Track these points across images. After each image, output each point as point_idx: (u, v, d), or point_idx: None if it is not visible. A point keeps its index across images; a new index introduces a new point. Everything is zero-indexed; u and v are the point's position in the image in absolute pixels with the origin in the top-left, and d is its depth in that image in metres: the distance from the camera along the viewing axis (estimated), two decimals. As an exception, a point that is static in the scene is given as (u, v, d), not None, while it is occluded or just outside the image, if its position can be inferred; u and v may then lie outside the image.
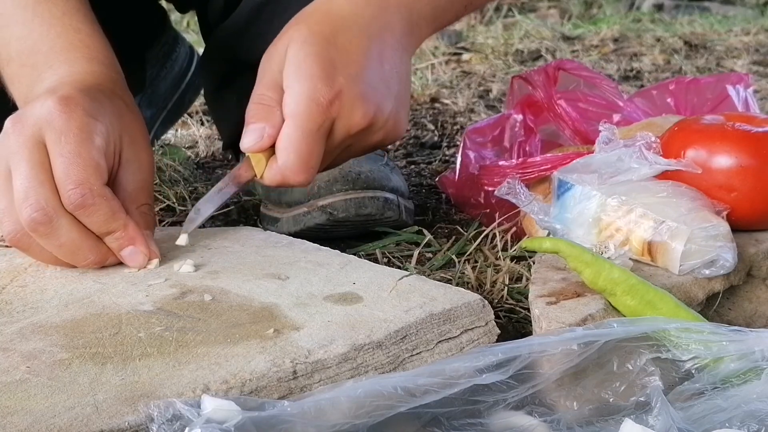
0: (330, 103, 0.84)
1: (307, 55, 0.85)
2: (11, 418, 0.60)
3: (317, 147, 0.85)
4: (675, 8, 3.80)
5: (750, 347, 0.66)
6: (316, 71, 0.84)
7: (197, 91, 1.54)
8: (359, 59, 0.86)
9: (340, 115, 0.85)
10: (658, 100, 1.20)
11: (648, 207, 0.84)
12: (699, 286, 0.81)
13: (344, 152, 0.91)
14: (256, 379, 0.65)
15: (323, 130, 0.85)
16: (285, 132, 0.84)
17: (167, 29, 1.47)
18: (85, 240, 0.81)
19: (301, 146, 0.84)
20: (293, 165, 0.84)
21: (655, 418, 0.61)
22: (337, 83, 0.84)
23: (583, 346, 0.65)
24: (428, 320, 0.75)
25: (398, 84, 0.90)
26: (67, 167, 0.79)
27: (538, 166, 1.01)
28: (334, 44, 0.86)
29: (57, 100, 0.81)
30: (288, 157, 0.84)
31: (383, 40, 0.89)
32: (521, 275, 0.96)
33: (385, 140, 0.92)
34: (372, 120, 0.87)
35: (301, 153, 0.84)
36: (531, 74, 1.18)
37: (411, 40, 0.94)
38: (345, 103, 0.85)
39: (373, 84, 0.87)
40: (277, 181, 0.86)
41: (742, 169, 0.87)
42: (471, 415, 0.62)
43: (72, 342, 0.70)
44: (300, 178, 0.85)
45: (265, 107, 0.86)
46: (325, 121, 0.84)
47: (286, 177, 0.85)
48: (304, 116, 0.84)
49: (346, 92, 0.85)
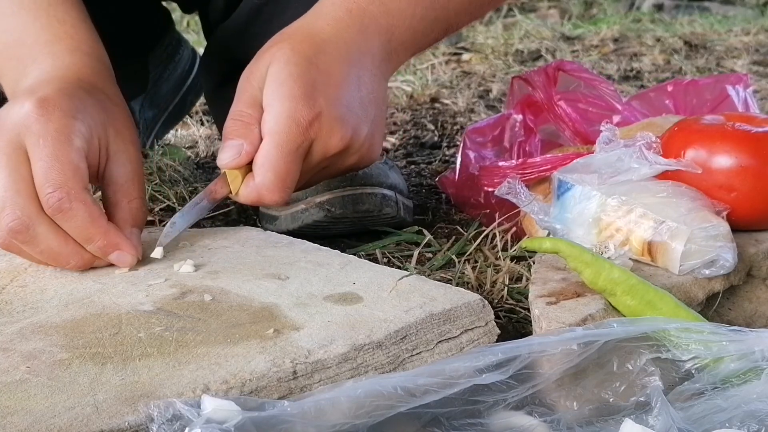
0: (309, 124, 0.84)
1: (289, 75, 0.85)
2: (11, 418, 0.60)
3: (294, 167, 0.85)
4: (675, 8, 3.80)
5: (750, 347, 0.66)
6: (297, 92, 0.84)
7: (199, 93, 1.54)
8: (339, 82, 0.87)
9: (318, 137, 0.85)
10: (656, 102, 1.20)
11: (648, 207, 0.84)
12: (699, 286, 0.81)
13: (319, 174, 0.92)
14: (256, 379, 0.65)
15: (301, 150, 0.85)
16: (263, 150, 0.85)
17: (170, 31, 1.47)
18: (65, 246, 0.81)
19: (279, 165, 0.84)
20: (270, 183, 0.85)
21: (655, 418, 0.61)
22: (318, 105, 0.85)
23: (583, 346, 0.65)
24: (428, 320, 0.75)
25: (375, 109, 0.91)
26: (45, 171, 0.78)
27: (538, 167, 1.02)
28: (316, 66, 0.86)
29: (34, 103, 0.80)
30: (265, 175, 0.85)
31: (362, 64, 0.90)
32: (521, 275, 0.96)
33: (359, 163, 0.92)
34: (349, 143, 0.88)
35: (278, 172, 0.84)
36: (531, 75, 1.18)
37: (389, 66, 0.95)
38: (324, 125, 0.85)
39: (351, 107, 0.88)
40: (252, 199, 0.87)
41: (742, 169, 0.87)
42: (471, 415, 0.62)
43: (72, 342, 0.70)
44: (275, 197, 0.85)
45: (243, 124, 0.86)
46: (303, 142, 0.85)
47: (262, 195, 0.85)
48: (284, 135, 0.84)
49: (325, 114, 0.85)
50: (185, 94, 1.51)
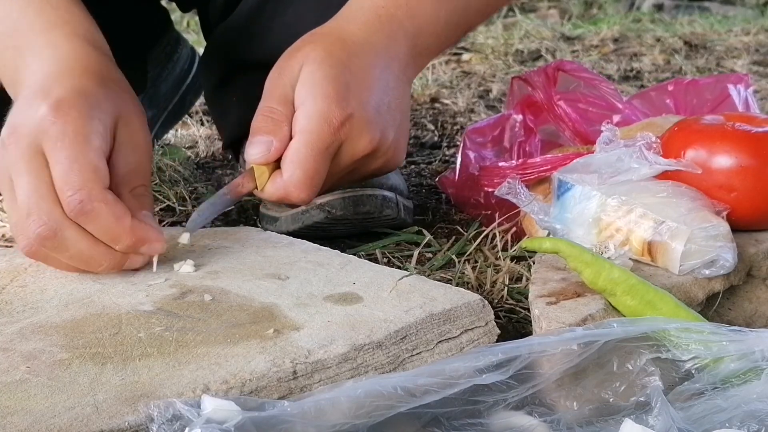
0: (341, 125, 0.85)
1: (324, 77, 0.86)
2: (11, 418, 0.60)
3: (323, 166, 0.86)
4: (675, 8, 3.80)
5: (750, 347, 0.66)
6: (331, 92, 0.85)
7: (198, 92, 1.54)
8: (370, 86, 0.88)
9: (348, 139, 0.86)
10: (657, 101, 1.20)
11: (648, 207, 0.84)
12: (699, 286, 0.81)
13: (345, 177, 0.92)
14: (256, 379, 0.65)
15: (331, 150, 0.86)
16: (294, 147, 0.85)
17: (169, 30, 1.47)
18: (95, 247, 0.80)
19: (308, 163, 0.85)
20: (298, 181, 0.85)
21: (655, 418, 0.61)
22: (350, 107, 0.85)
23: (583, 346, 0.65)
24: (428, 320, 0.75)
25: (400, 114, 0.92)
26: (65, 174, 0.78)
27: (538, 167, 1.02)
28: (349, 69, 0.87)
29: (50, 106, 0.79)
30: (294, 172, 0.85)
31: (390, 69, 0.91)
32: (521, 275, 0.96)
33: (384, 168, 0.93)
34: (377, 146, 0.89)
35: (307, 170, 0.85)
36: (531, 75, 1.18)
37: (413, 70, 0.96)
38: (354, 127, 0.86)
39: (380, 111, 0.89)
40: (278, 196, 0.87)
41: (742, 169, 0.87)
42: (471, 415, 0.62)
43: (72, 342, 0.70)
44: (302, 195, 0.86)
45: (274, 121, 0.86)
46: (333, 142, 0.86)
47: (289, 192, 0.86)
48: (315, 134, 0.84)
49: (356, 117, 0.86)
50: (184, 94, 1.51)
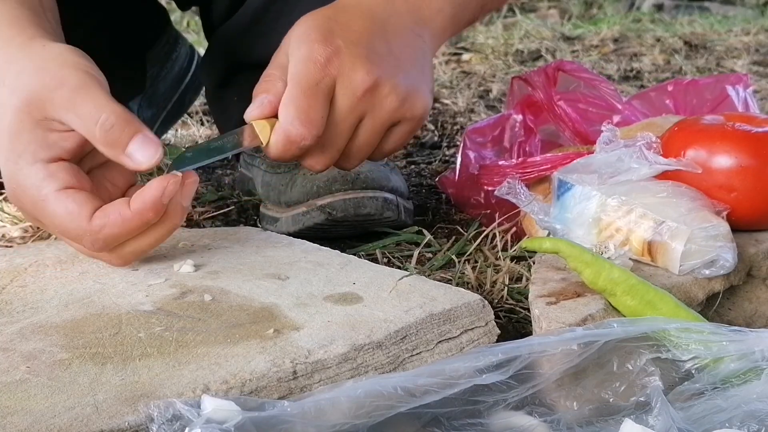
0: (327, 60, 0.86)
1: (309, 28, 0.88)
2: (11, 418, 0.60)
3: (316, 102, 0.86)
4: (675, 8, 3.80)
5: (750, 347, 0.66)
6: (313, 36, 0.87)
7: (197, 91, 1.54)
8: (359, 31, 0.89)
9: (340, 74, 0.86)
10: (657, 101, 1.20)
11: (648, 207, 0.84)
12: (699, 286, 0.81)
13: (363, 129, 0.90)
14: (256, 379, 0.65)
15: (323, 86, 0.86)
16: (286, 93, 0.86)
17: (168, 29, 1.47)
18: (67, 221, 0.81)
19: (300, 99, 0.85)
20: (293, 117, 0.85)
21: (655, 418, 0.61)
22: (335, 44, 0.86)
23: (583, 346, 0.65)
24: (428, 320, 0.75)
25: (410, 63, 0.91)
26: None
27: (538, 166, 1.02)
28: (335, 20, 0.89)
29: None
30: (287, 111, 0.85)
31: (387, 21, 0.92)
32: (521, 275, 0.96)
33: (402, 109, 0.90)
34: (376, 80, 0.87)
35: (299, 105, 0.85)
36: (531, 75, 1.18)
37: (424, 30, 0.95)
38: (344, 61, 0.86)
39: (375, 50, 0.88)
40: (281, 141, 0.86)
41: (742, 169, 0.87)
42: (471, 415, 0.62)
43: (72, 342, 0.70)
44: (301, 131, 0.85)
45: (268, 81, 0.88)
46: (323, 78, 0.86)
47: (288, 132, 0.85)
48: (302, 74, 0.85)
49: (344, 52, 0.86)
50: (183, 93, 1.51)
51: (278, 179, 1.10)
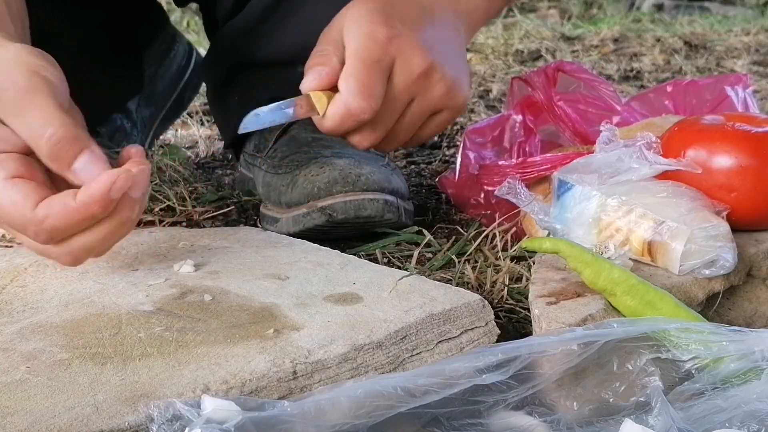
0: (388, 40, 0.88)
1: (368, 10, 0.91)
2: (11, 418, 0.60)
3: (377, 78, 0.88)
4: (675, 8, 3.81)
5: (750, 347, 0.66)
6: (374, 18, 0.90)
7: (196, 89, 1.54)
8: (414, 19, 0.92)
9: (399, 55, 0.89)
10: (656, 103, 1.20)
11: (648, 207, 0.84)
12: (699, 286, 0.81)
13: (410, 112, 0.92)
14: (256, 379, 0.65)
15: (383, 64, 0.88)
16: (346, 66, 0.88)
17: (165, 27, 1.46)
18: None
19: (361, 72, 0.87)
20: (355, 90, 0.87)
21: (655, 418, 0.61)
22: (395, 26, 0.89)
23: (583, 347, 0.65)
24: (428, 320, 0.75)
25: (453, 52, 0.95)
26: None
27: (538, 166, 1.02)
28: (391, 5, 0.92)
29: None
30: (350, 83, 0.87)
31: (435, 12, 0.95)
32: (521, 275, 0.96)
33: (447, 97, 0.93)
34: (430, 65, 0.90)
35: (361, 78, 0.87)
36: (530, 75, 1.18)
37: (461, 24, 0.99)
38: (403, 43, 0.89)
39: (428, 41, 0.91)
40: (340, 113, 0.88)
41: (742, 169, 0.87)
42: (471, 415, 0.62)
43: (72, 342, 0.70)
44: (362, 104, 0.87)
45: (323, 55, 0.90)
46: (384, 56, 0.88)
47: (348, 103, 0.87)
48: (363, 50, 0.88)
49: (404, 35, 0.89)
50: (182, 91, 1.51)
51: (279, 180, 1.10)
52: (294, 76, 1.17)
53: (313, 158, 1.08)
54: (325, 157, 1.07)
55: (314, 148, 1.11)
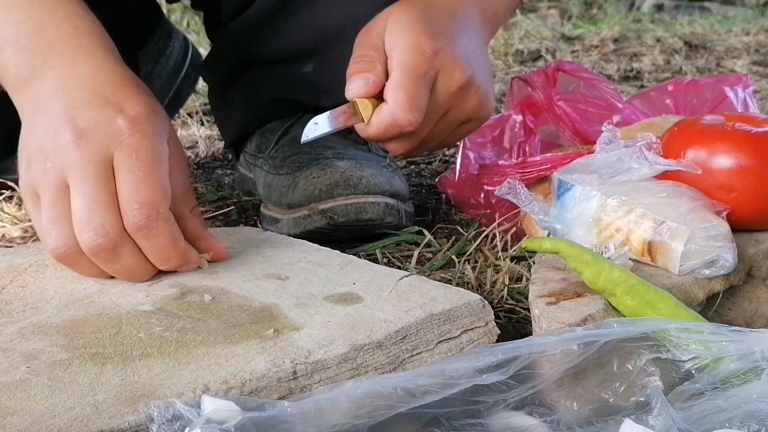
0: (434, 54, 0.90)
1: (410, 19, 0.92)
2: (11, 418, 0.60)
3: (423, 92, 0.90)
4: (675, 8, 3.81)
5: (750, 347, 0.66)
6: (419, 28, 0.91)
7: (193, 84, 1.53)
8: (453, 31, 0.94)
9: (442, 69, 0.91)
10: (657, 101, 1.20)
11: (648, 207, 0.84)
12: (699, 286, 0.81)
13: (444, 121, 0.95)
14: (256, 379, 0.65)
15: (429, 77, 0.90)
16: (394, 76, 0.89)
17: (161, 23, 1.45)
18: (143, 264, 0.80)
19: (410, 86, 0.89)
20: (403, 103, 0.88)
21: (655, 418, 0.61)
22: (439, 40, 0.91)
23: (583, 347, 0.65)
24: (428, 320, 0.75)
25: (484, 65, 0.98)
26: (135, 185, 0.77)
27: (538, 166, 1.02)
28: (432, 16, 0.93)
29: (128, 119, 0.79)
30: (398, 95, 0.88)
31: (468, 24, 0.97)
32: (521, 275, 0.96)
33: (478, 110, 0.97)
34: (469, 79, 0.93)
35: (410, 92, 0.88)
36: (530, 75, 1.18)
37: (485, 33, 1.02)
38: (447, 58, 0.91)
39: (466, 52, 0.94)
40: (385, 122, 0.89)
41: (742, 170, 0.87)
42: (471, 415, 0.62)
43: (72, 342, 0.70)
44: (409, 116, 0.89)
45: (367, 62, 0.91)
46: (429, 70, 0.90)
47: (396, 115, 0.89)
48: (411, 63, 0.89)
49: (447, 49, 0.91)
50: (179, 87, 1.50)
51: (280, 181, 1.10)
52: (297, 75, 1.17)
53: (315, 159, 1.08)
54: (327, 159, 1.07)
55: (316, 149, 1.11)
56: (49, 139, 0.79)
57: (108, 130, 0.78)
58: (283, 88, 1.18)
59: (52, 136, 0.79)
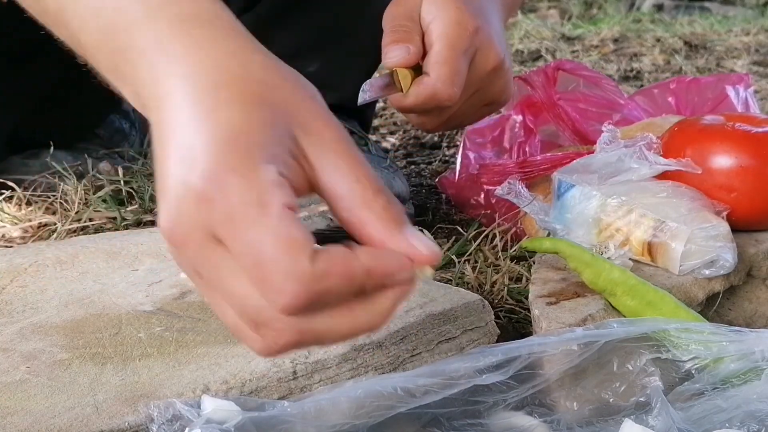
0: (475, 31, 0.89)
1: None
2: (11, 418, 0.60)
3: (464, 68, 0.89)
4: (675, 8, 3.81)
5: (750, 347, 0.66)
6: (459, 4, 0.90)
7: None
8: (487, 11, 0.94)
9: (480, 47, 0.90)
10: (659, 99, 1.20)
11: (648, 207, 0.84)
12: (699, 286, 0.81)
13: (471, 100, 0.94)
14: (256, 379, 0.65)
15: (468, 55, 0.89)
16: (436, 50, 0.88)
17: None
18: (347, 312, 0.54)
19: (453, 60, 0.88)
20: (446, 77, 0.87)
21: (655, 418, 0.61)
22: (478, 19, 0.90)
23: (583, 347, 0.65)
24: (428, 320, 0.75)
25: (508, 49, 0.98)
26: (257, 276, 0.52)
27: (538, 166, 1.02)
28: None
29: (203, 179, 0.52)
30: (441, 69, 0.87)
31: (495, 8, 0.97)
32: (521, 275, 0.96)
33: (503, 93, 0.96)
34: (502, 61, 0.92)
35: (453, 66, 0.87)
36: (530, 75, 1.18)
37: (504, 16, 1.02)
38: (484, 37, 0.90)
39: (498, 33, 0.94)
40: (425, 95, 0.88)
41: (742, 170, 0.87)
42: (471, 415, 0.62)
43: (72, 342, 0.70)
44: (450, 91, 0.88)
45: (405, 32, 0.89)
46: (470, 47, 0.89)
47: (437, 89, 0.87)
48: (454, 37, 0.88)
49: (484, 29, 0.91)
50: None
51: None
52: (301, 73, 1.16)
53: None
54: None
55: None
56: None
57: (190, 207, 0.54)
58: None
59: None
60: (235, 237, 0.52)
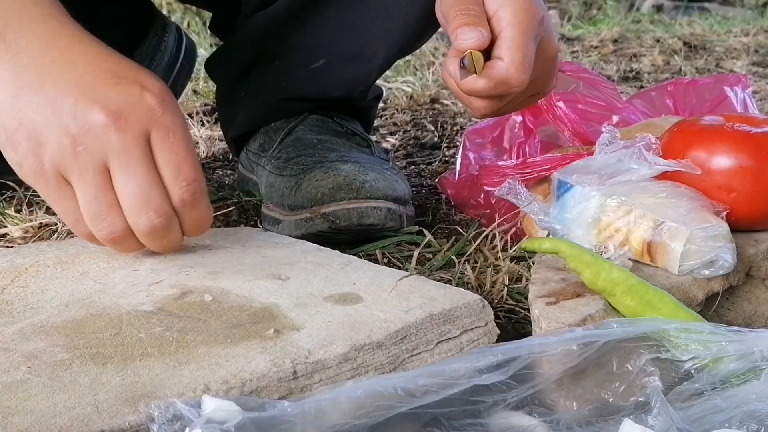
0: (540, 21, 0.91)
1: None
2: (12, 418, 0.60)
3: (533, 55, 0.91)
4: (674, 9, 3.81)
5: (749, 347, 0.66)
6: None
7: (188, 74, 1.50)
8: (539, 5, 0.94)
9: (544, 37, 0.92)
10: (657, 101, 1.20)
11: (647, 207, 0.84)
12: (698, 286, 0.81)
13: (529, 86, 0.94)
14: (256, 379, 0.65)
15: (536, 42, 0.91)
16: (508, 36, 0.89)
17: (155, 20, 1.43)
18: (180, 237, 0.83)
19: (526, 47, 0.89)
20: (520, 63, 0.88)
21: (655, 418, 0.61)
22: (542, 8, 0.92)
23: (582, 347, 0.65)
24: (428, 320, 0.75)
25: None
26: (179, 165, 0.79)
27: (538, 167, 1.02)
28: None
29: (157, 97, 0.79)
30: (516, 54, 0.88)
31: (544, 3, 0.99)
32: (521, 275, 0.96)
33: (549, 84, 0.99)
34: (557, 53, 0.96)
35: (525, 53, 0.89)
36: (530, 75, 1.18)
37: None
38: (547, 28, 0.93)
39: (551, 26, 0.96)
40: (498, 79, 0.89)
41: (741, 170, 0.87)
42: (471, 415, 0.62)
43: (72, 342, 0.70)
44: (523, 77, 0.89)
45: (475, 15, 0.90)
46: (537, 35, 0.91)
47: (510, 74, 0.88)
48: (525, 25, 0.90)
49: (546, 19, 0.93)
50: (175, 80, 1.48)
51: (283, 182, 1.10)
52: (306, 74, 1.16)
53: (318, 162, 1.08)
54: (330, 162, 1.07)
55: (320, 151, 1.10)
56: (70, 120, 0.77)
57: (141, 110, 0.78)
58: (293, 85, 1.17)
59: (74, 117, 0.77)
60: (169, 142, 0.79)
